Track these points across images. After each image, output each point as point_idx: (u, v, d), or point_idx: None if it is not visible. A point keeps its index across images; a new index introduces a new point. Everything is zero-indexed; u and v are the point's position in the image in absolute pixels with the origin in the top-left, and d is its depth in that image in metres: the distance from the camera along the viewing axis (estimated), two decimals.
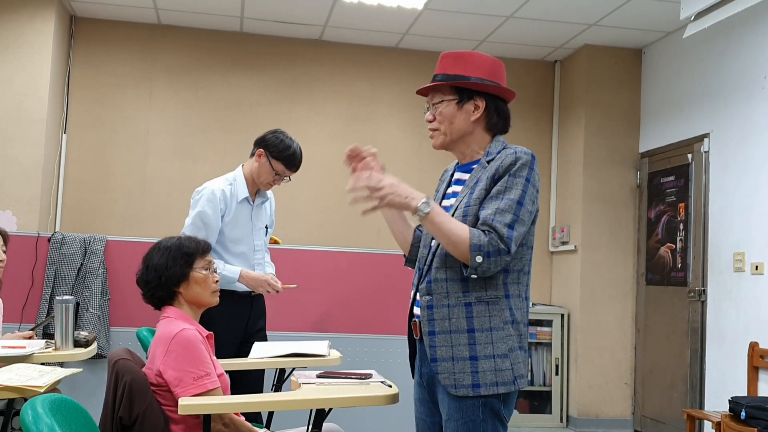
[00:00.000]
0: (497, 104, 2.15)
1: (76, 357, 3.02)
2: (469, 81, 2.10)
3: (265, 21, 6.02)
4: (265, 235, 3.63)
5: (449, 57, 2.15)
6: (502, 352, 1.99)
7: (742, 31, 5.01)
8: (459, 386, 1.98)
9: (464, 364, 1.97)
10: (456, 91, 2.12)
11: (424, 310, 2.04)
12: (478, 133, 2.14)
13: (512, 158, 2.02)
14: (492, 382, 1.97)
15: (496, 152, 2.10)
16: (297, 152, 3.50)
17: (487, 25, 5.88)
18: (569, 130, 6.48)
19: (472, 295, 2.00)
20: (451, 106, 2.11)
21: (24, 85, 5.53)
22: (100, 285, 4.46)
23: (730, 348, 4.93)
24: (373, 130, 6.47)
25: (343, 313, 4.75)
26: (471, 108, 2.11)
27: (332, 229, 6.27)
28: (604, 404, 6.07)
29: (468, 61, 2.13)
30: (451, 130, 2.12)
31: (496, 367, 1.97)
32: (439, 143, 2.16)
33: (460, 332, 1.99)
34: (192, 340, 2.28)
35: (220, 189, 3.42)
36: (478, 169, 2.09)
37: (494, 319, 2.00)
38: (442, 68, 2.14)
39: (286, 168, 3.48)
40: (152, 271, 2.41)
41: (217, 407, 2.19)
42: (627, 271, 6.16)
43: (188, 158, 6.18)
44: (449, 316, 2.00)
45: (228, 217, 3.43)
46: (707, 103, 5.36)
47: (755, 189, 4.82)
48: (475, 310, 1.99)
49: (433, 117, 2.14)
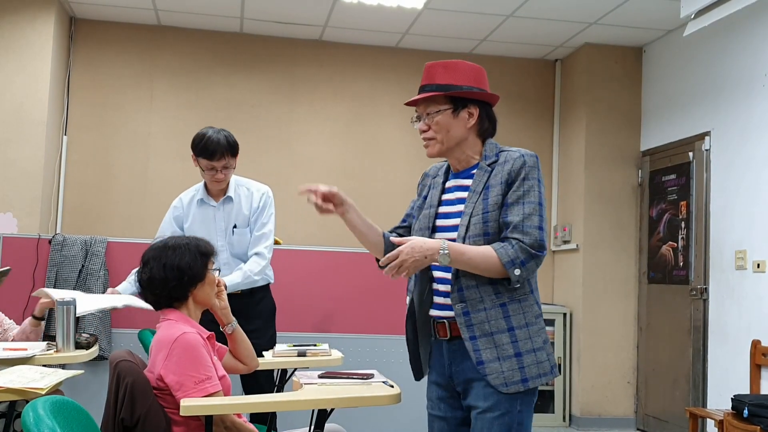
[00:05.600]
0: (487, 110, 2.22)
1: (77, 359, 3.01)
2: (463, 90, 2.16)
3: (265, 22, 6.02)
4: (232, 234, 3.58)
5: (437, 67, 2.19)
6: (539, 345, 2.12)
7: (743, 29, 5.00)
8: (510, 383, 2.07)
9: (511, 362, 2.07)
10: (450, 101, 2.17)
11: (461, 317, 2.10)
12: (472, 139, 2.21)
13: (521, 162, 2.12)
14: (536, 374, 2.10)
15: (493, 155, 2.18)
16: (211, 138, 3.43)
17: (487, 24, 5.88)
18: (570, 129, 6.47)
19: (504, 296, 2.10)
20: (446, 115, 2.16)
21: (24, 86, 5.53)
22: (102, 287, 4.46)
23: (732, 346, 4.92)
24: (374, 130, 6.47)
25: (344, 313, 4.75)
26: (466, 116, 2.18)
27: (333, 229, 6.26)
28: (607, 403, 6.07)
29: (456, 70, 2.17)
30: (447, 138, 2.18)
31: (537, 360, 2.10)
32: (436, 152, 2.21)
33: (501, 332, 2.08)
34: (193, 344, 2.26)
35: (179, 198, 3.62)
36: (481, 174, 2.16)
37: (527, 315, 2.12)
38: (431, 78, 2.19)
39: (207, 159, 3.45)
40: (173, 270, 2.36)
41: (218, 408, 2.19)
42: (629, 270, 6.16)
43: (189, 159, 6.07)
44: (487, 319, 2.09)
45: (187, 222, 3.57)
46: (708, 101, 5.36)
47: (757, 187, 4.81)
48: (511, 309, 2.10)
49: (428, 126, 2.19)
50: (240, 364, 2.72)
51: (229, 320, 2.66)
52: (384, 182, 6.39)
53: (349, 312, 4.78)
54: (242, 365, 2.73)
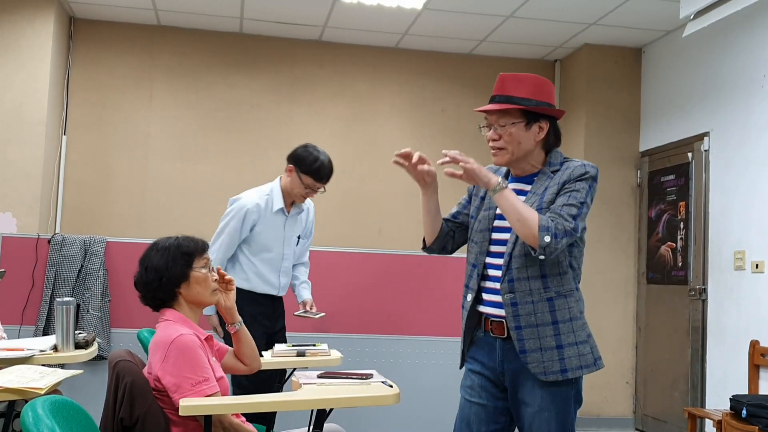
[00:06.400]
0: (555, 125, 2.33)
1: (76, 358, 3.01)
2: (538, 105, 2.25)
3: (264, 22, 6.02)
4: (296, 244, 3.78)
5: (511, 79, 2.27)
6: (583, 339, 2.24)
7: (742, 30, 5.00)
8: (548, 373, 2.19)
9: (552, 353, 2.19)
10: (524, 114, 2.25)
11: (509, 308, 2.22)
12: (537, 151, 2.31)
13: (582, 170, 2.24)
14: (577, 366, 2.21)
15: (558, 163, 2.30)
16: (325, 164, 3.62)
17: (487, 25, 5.88)
18: (569, 130, 6.47)
19: (552, 290, 2.22)
20: (520, 128, 2.25)
21: (23, 86, 5.53)
22: (101, 286, 4.46)
23: (731, 346, 4.93)
24: (373, 131, 6.47)
25: (344, 313, 4.75)
26: (536, 130, 2.27)
27: (333, 229, 6.27)
28: (606, 403, 6.07)
29: (530, 84, 2.26)
30: (518, 150, 2.27)
31: (579, 353, 2.22)
32: (505, 161, 2.30)
33: (545, 325, 2.20)
34: (190, 345, 2.26)
35: (254, 203, 3.60)
36: (543, 178, 2.29)
37: (572, 310, 2.25)
38: (505, 90, 2.26)
39: (315, 181, 3.62)
40: (152, 272, 2.39)
41: (217, 408, 2.19)
42: (628, 270, 6.16)
43: (189, 159, 6.18)
44: (534, 311, 2.20)
45: (260, 226, 3.61)
46: (707, 102, 5.36)
47: (755, 187, 4.82)
48: (557, 304, 2.22)
49: (499, 136, 2.27)
50: (241, 364, 2.72)
51: (234, 320, 2.66)
52: (384, 182, 6.39)
53: (349, 312, 4.78)
54: (243, 366, 2.73)
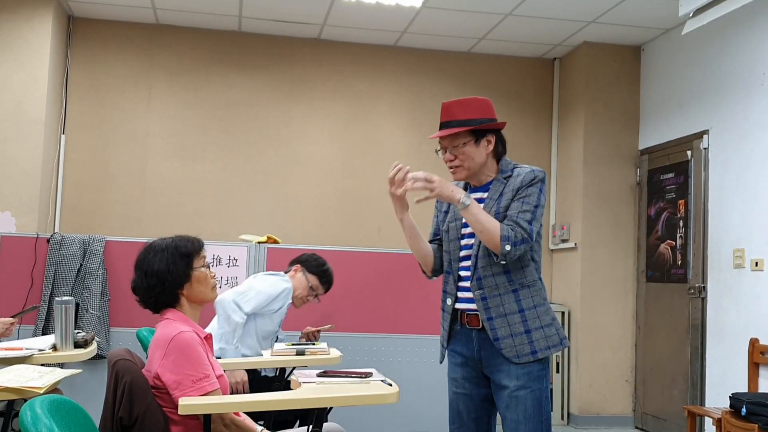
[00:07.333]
0: (500, 135, 2.61)
1: (75, 358, 3.01)
2: (484, 123, 2.54)
3: (263, 20, 6.01)
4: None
5: (455, 105, 2.55)
6: (548, 323, 2.51)
7: (741, 28, 5.00)
8: (521, 355, 2.45)
9: (521, 337, 2.46)
10: (471, 133, 2.54)
11: (480, 302, 2.50)
12: (489, 161, 2.60)
13: (531, 175, 2.51)
14: (545, 346, 2.48)
15: (509, 170, 2.58)
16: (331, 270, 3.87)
17: (486, 23, 5.88)
18: (569, 128, 6.48)
19: (516, 283, 2.49)
20: (470, 145, 2.54)
21: (22, 85, 5.52)
22: (100, 285, 4.46)
23: (730, 344, 4.93)
24: (373, 129, 6.46)
25: (343, 312, 4.75)
26: (485, 144, 2.56)
27: (332, 229, 6.27)
28: (605, 402, 6.07)
29: (471, 105, 2.55)
30: (473, 165, 2.56)
31: (546, 335, 2.49)
32: (464, 176, 2.59)
33: (513, 313, 2.47)
34: (190, 342, 2.26)
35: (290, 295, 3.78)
36: (497, 185, 2.56)
37: (536, 298, 2.51)
38: (450, 116, 2.54)
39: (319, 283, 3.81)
40: (153, 277, 2.36)
41: (217, 407, 2.19)
42: (627, 269, 6.16)
43: (188, 158, 6.17)
44: (502, 303, 2.47)
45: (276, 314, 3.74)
46: (706, 100, 5.36)
47: (755, 185, 4.82)
48: (521, 294, 2.49)
49: (454, 157, 2.56)
50: None
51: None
52: (383, 181, 6.34)
53: (348, 311, 4.78)
54: None
